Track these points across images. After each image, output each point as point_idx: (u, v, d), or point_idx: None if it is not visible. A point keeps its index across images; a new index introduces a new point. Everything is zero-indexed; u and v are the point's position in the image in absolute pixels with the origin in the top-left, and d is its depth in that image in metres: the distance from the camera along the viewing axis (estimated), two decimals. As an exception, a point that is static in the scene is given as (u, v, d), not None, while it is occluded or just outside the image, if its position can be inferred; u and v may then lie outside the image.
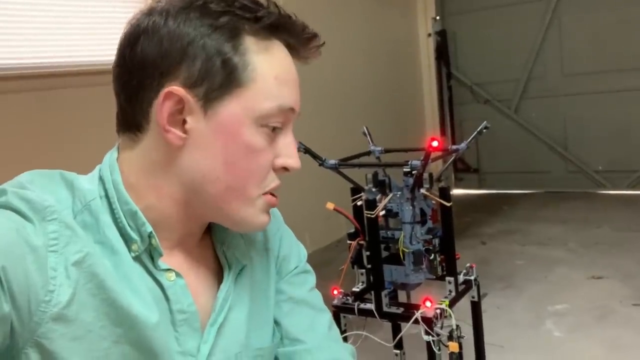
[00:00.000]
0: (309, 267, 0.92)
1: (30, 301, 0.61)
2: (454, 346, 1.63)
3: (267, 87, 0.71)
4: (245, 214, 0.74)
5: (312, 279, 0.91)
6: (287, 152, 0.75)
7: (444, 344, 1.65)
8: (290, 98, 0.74)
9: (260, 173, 0.73)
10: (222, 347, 0.76)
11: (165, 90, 0.68)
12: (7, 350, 0.62)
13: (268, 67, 0.71)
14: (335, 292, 1.80)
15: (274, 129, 0.73)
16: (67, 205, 0.68)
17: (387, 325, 1.91)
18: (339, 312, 1.79)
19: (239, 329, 0.78)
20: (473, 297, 1.89)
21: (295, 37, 0.75)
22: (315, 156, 1.81)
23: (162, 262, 0.72)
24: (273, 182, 0.75)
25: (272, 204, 0.76)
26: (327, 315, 0.90)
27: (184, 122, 0.69)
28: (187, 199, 0.72)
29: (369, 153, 2.00)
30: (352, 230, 1.80)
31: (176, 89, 0.68)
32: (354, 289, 1.84)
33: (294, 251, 0.90)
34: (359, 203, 1.81)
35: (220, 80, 0.69)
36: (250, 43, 0.70)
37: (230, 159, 0.71)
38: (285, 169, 0.75)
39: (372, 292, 1.76)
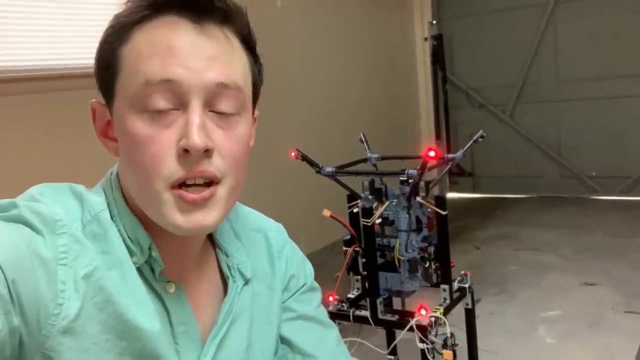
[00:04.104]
0: (315, 284, 0.93)
1: (39, 314, 0.62)
2: (448, 354, 1.65)
3: (132, 67, 0.67)
4: (159, 215, 0.68)
5: (318, 295, 0.92)
6: (184, 131, 0.66)
7: (438, 352, 1.67)
8: (161, 69, 0.66)
9: (154, 164, 0.66)
10: None
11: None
12: None
13: (133, 49, 0.68)
14: (331, 298, 1.81)
15: (160, 111, 0.66)
16: (77, 216, 0.69)
17: (382, 331, 1.92)
18: (333, 319, 1.80)
19: (239, 343, 0.79)
20: (467, 305, 1.91)
21: (176, 3, 0.68)
22: (312, 163, 1.82)
23: (162, 274, 0.73)
24: (177, 172, 0.66)
25: (186, 200, 0.67)
26: (335, 331, 0.92)
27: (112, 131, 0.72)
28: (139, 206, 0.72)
29: (365, 160, 2.01)
30: (348, 236, 1.81)
31: (93, 101, 0.73)
32: (349, 296, 1.85)
33: (302, 269, 0.90)
34: (355, 210, 1.82)
35: (107, 81, 0.70)
36: (136, 35, 0.68)
37: (130, 157, 0.69)
38: (186, 151, 0.65)
39: (367, 300, 1.77)
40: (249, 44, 0.73)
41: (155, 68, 0.66)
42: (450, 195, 5.56)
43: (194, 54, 0.67)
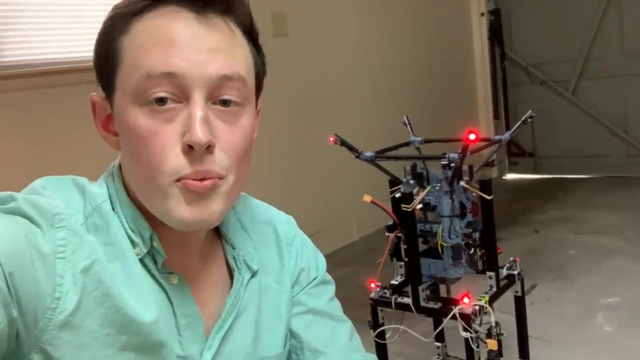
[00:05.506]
0: (328, 276, 0.90)
1: (36, 308, 0.62)
2: (492, 343, 1.59)
3: (132, 60, 0.66)
4: (164, 208, 0.67)
5: (331, 288, 0.90)
6: (187, 125, 0.65)
7: (482, 341, 1.61)
8: (162, 61, 0.64)
9: (158, 159, 0.65)
10: (226, 354, 0.75)
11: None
12: (11, 355, 0.62)
13: (133, 40, 0.67)
14: (373, 285, 1.78)
15: (161, 102, 0.65)
16: (79, 208, 0.69)
17: (427, 318, 1.88)
18: (376, 306, 1.78)
19: (245, 336, 0.78)
20: (517, 292, 1.84)
21: None
22: (351, 148, 1.78)
23: (165, 266, 0.72)
24: (182, 169, 0.65)
25: (192, 189, 0.66)
26: (348, 325, 0.89)
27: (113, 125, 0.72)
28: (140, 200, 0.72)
29: (408, 144, 1.96)
30: (391, 222, 1.78)
31: (92, 94, 0.72)
32: (392, 282, 1.82)
33: (312, 262, 0.88)
34: (397, 195, 1.78)
35: (107, 74, 0.69)
36: (135, 25, 0.67)
37: (132, 152, 0.68)
38: (190, 146, 0.64)
39: (410, 286, 1.74)
40: (251, 34, 0.72)
41: (156, 60, 0.65)
42: (510, 176, 5.40)
43: (196, 45, 0.65)
